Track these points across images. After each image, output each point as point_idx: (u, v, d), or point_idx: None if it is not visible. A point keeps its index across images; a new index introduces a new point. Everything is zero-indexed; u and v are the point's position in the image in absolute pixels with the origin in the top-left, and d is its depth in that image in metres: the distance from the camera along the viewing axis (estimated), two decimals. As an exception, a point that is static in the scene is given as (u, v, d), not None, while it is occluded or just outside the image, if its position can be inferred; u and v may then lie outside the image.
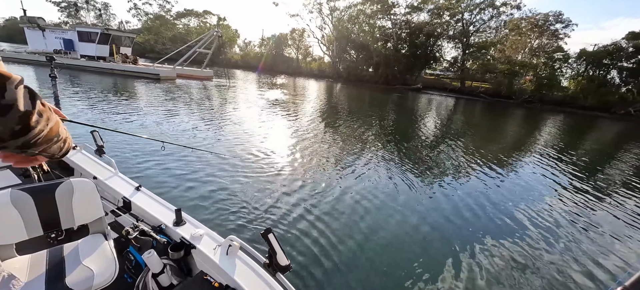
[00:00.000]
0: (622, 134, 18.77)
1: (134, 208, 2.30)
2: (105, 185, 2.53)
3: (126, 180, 2.60)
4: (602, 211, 5.64)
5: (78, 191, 1.82)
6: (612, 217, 5.39)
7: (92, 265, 1.65)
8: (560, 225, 4.78)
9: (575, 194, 6.37)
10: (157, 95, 13.19)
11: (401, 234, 4.03)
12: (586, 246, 4.26)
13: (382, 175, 6.18)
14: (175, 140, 6.99)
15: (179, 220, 2.06)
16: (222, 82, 22.35)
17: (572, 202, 5.90)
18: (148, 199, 2.34)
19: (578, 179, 7.51)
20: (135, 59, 23.20)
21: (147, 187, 2.50)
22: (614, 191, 6.88)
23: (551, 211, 5.30)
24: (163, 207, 2.25)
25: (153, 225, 2.09)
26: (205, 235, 1.95)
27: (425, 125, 14.28)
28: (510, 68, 33.45)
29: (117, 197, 2.43)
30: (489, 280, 3.29)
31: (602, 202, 6.07)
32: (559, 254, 3.97)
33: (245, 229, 3.71)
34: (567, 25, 33.89)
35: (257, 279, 1.64)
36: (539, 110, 28.85)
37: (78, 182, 1.84)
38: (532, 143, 12.14)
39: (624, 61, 30.46)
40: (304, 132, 9.32)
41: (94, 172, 2.68)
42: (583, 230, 4.75)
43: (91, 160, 2.92)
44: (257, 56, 50.80)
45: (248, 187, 4.84)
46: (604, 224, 5.06)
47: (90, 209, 1.87)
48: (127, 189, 2.44)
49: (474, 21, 37.47)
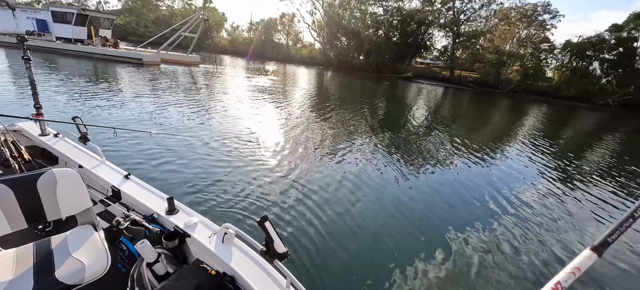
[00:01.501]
0: (599, 125, 19.60)
1: (124, 197, 2.21)
2: (92, 174, 2.40)
3: (114, 168, 2.47)
4: (578, 194, 5.93)
5: (62, 181, 1.71)
6: (587, 199, 5.68)
7: (83, 257, 1.58)
8: (541, 208, 4.99)
9: (554, 181, 6.63)
10: (141, 81, 12.64)
11: (391, 221, 4.08)
12: (564, 224, 4.53)
13: (373, 163, 6.21)
14: (163, 128, 6.77)
15: (171, 209, 1.99)
16: (209, 68, 21.65)
17: (551, 187, 6.15)
18: (138, 188, 2.24)
19: (558, 167, 7.83)
20: (115, 42, 22.04)
21: (136, 175, 2.38)
22: (588, 178, 7.20)
23: (532, 196, 5.55)
24: (154, 196, 2.16)
25: (145, 215, 2.02)
26: (199, 223, 1.89)
27: (415, 115, 14.40)
28: (498, 58, 34.00)
29: (106, 186, 2.32)
30: (478, 261, 3.39)
31: (577, 187, 6.35)
32: (540, 232, 4.16)
33: (238, 216, 3.66)
34: (555, 16, 34.57)
35: (254, 266, 1.61)
36: (524, 100, 29.65)
37: (61, 172, 1.72)
38: (516, 133, 12.49)
39: (606, 53, 31.47)
40: (294, 120, 9.20)
41: (80, 161, 2.53)
42: (563, 211, 4.98)
43: (76, 148, 2.75)
44: (246, 41, 49.38)
45: (239, 175, 4.77)
46: (578, 206, 5.37)
47: (76, 200, 1.77)
48: (116, 178, 2.33)
49: (464, 9, 37.55)
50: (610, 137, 13.81)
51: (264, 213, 3.66)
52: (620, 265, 3.71)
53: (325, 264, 3.05)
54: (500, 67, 34.49)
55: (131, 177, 2.34)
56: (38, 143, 2.91)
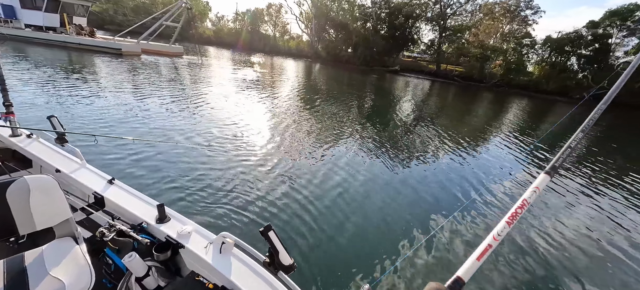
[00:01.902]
0: (574, 118, 20.47)
1: (108, 204, 2.02)
2: (72, 179, 2.18)
3: (96, 172, 2.26)
4: (564, 183, 6.22)
5: (36, 190, 1.52)
6: (560, 187, 5.97)
7: (62, 275, 1.42)
8: (518, 196, 5.17)
9: (531, 171, 6.90)
10: (121, 73, 12.01)
11: (382, 215, 4.10)
12: (539, 211, 4.72)
13: (363, 157, 6.21)
14: (147, 125, 6.40)
15: (162, 217, 1.83)
16: (193, 59, 20.89)
17: (527, 177, 6.39)
18: (124, 194, 2.05)
19: (535, 158, 8.17)
20: (91, 31, 20.77)
21: (121, 180, 2.20)
22: (573, 167, 7.55)
23: (510, 185, 5.82)
24: (143, 203, 1.99)
25: (132, 224, 1.85)
26: (193, 232, 1.75)
27: (402, 108, 14.54)
28: (483, 52, 34.82)
29: (87, 192, 2.11)
30: (464, 249, 3.46)
31: (561, 177, 6.64)
32: (519, 220, 4.32)
33: (235, 223, 3.51)
34: (536, 12, 35.51)
35: (256, 278, 1.50)
36: (507, 94, 30.58)
37: (35, 179, 1.54)
38: (498, 127, 12.88)
39: (583, 49, 32.80)
40: (284, 116, 9.04)
41: (57, 164, 2.30)
42: (539, 200, 5.21)
43: (52, 151, 2.49)
44: (231, 32, 47.97)
45: (232, 177, 4.58)
46: (553, 193, 5.65)
47: (53, 210, 1.59)
48: (98, 183, 2.12)
49: (451, 3, 38.01)
50: (591, 129, 14.45)
51: (261, 219, 3.58)
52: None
53: (319, 259, 3.02)
54: (484, 61, 35.37)
55: (115, 182, 2.15)
56: (8, 145, 2.62)
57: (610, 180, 7.02)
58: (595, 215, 5.12)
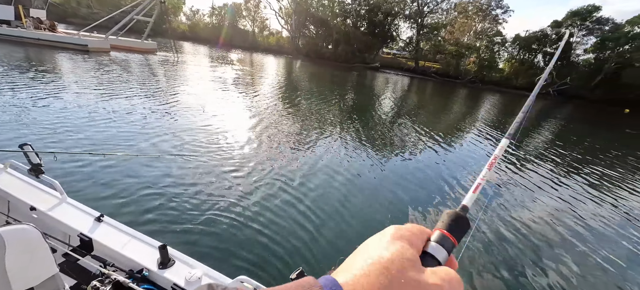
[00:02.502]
0: (541, 111, 21.93)
1: (98, 248, 1.71)
2: (51, 218, 1.84)
3: (80, 207, 1.93)
4: (524, 171, 6.72)
5: (13, 245, 1.20)
6: (529, 176, 6.40)
7: None
8: (490, 186, 5.47)
9: (506, 161, 7.31)
10: (88, 73, 11.13)
11: (363, 216, 4.13)
12: (513, 198, 5.03)
13: (349, 159, 6.22)
14: (124, 134, 5.72)
15: (165, 260, 1.56)
16: (168, 56, 19.90)
17: (505, 167, 6.80)
18: (117, 233, 1.75)
19: (509, 149, 8.65)
20: (52, 25, 19.10)
21: (110, 215, 1.87)
22: (531, 157, 8.05)
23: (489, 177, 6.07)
24: (140, 243, 1.70)
25: (130, 271, 1.57)
26: (204, 276, 1.52)
27: (382, 104, 14.76)
28: (458, 50, 36.22)
29: (71, 233, 1.79)
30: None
31: (523, 166, 7.07)
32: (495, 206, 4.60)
33: (252, 261, 3.01)
34: (506, 11, 37.40)
35: None
36: (480, 89, 32.06)
37: (11, 231, 1.22)
38: (472, 121, 13.48)
39: (548, 47, 35.01)
40: (271, 116, 8.83)
41: (31, 201, 1.92)
42: (511, 185, 5.52)
43: (25, 184, 2.09)
44: (208, 27, 46.25)
45: (236, 196, 4.05)
46: (522, 180, 6.28)
47: (35, 267, 1.28)
48: (85, 221, 1.80)
49: (428, 2, 39.02)
50: (552, 123, 15.57)
51: (283, 251, 3.17)
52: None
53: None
54: (459, 58, 36.84)
55: (105, 219, 1.82)
56: None
57: (570, 170, 7.56)
58: (554, 200, 5.48)
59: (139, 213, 3.46)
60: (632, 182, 7.52)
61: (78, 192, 3.63)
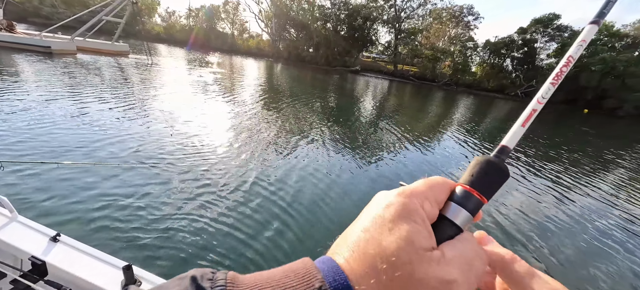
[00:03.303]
0: (511, 111, 23.32)
1: (53, 272, 1.53)
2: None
3: (33, 226, 1.74)
4: None
5: None
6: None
7: None
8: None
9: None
10: (50, 77, 10.38)
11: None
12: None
13: (337, 163, 6.24)
14: (84, 142, 5.30)
15: (130, 282, 1.45)
16: (141, 59, 19.04)
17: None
18: (75, 254, 1.57)
19: (482, 148, 9.08)
20: (10, 25, 17.66)
21: (69, 234, 1.68)
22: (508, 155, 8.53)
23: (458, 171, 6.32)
24: (102, 264, 1.55)
25: None
26: None
27: (364, 107, 15.02)
28: (434, 54, 37.78)
29: (22, 256, 1.61)
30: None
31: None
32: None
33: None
34: (477, 18, 39.47)
35: None
36: (455, 92, 33.53)
37: None
38: (449, 122, 14.06)
39: (515, 52, 37.34)
40: (247, 121, 8.68)
41: None
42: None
43: None
44: (185, 29, 44.88)
45: (206, 207, 3.87)
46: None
47: None
48: (38, 242, 1.62)
49: (405, 8, 40.41)
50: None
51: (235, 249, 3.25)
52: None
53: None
54: (435, 62, 38.43)
55: (62, 239, 1.64)
56: None
57: (533, 168, 8.08)
58: (547, 193, 5.84)
59: (101, 230, 3.19)
60: (587, 177, 8.15)
61: (30, 209, 3.31)
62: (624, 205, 6.42)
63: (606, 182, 7.99)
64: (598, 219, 5.49)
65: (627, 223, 5.54)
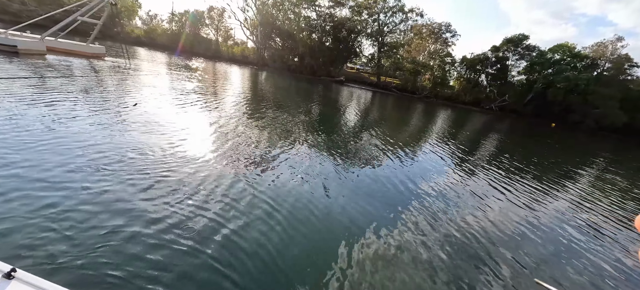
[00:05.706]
0: (486, 123, 24.51)
1: None
2: None
3: None
4: (478, 178, 7.29)
5: None
6: (477, 179, 7.06)
7: None
8: (447, 190, 5.89)
9: (454, 169, 7.97)
10: (14, 78, 9.69)
11: (329, 227, 4.14)
12: (469, 202, 5.51)
13: (323, 174, 6.23)
14: (49, 159, 4.84)
15: None
16: (119, 62, 18.30)
17: (455, 174, 7.38)
18: None
19: (459, 158, 9.46)
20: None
21: (28, 269, 1.47)
22: (483, 165, 8.90)
23: (443, 183, 6.60)
24: None
25: None
26: None
27: (348, 117, 15.22)
28: (415, 67, 39.29)
29: None
30: (406, 241, 3.73)
31: (475, 173, 7.77)
32: (447, 208, 4.90)
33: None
34: (454, 35, 41.55)
35: None
36: (435, 104, 34.86)
37: None
38: (429, 132, 14.54)
39: (489, 68, 39.62)
40: (229, 131, 8.51)
41: None
42: (462, 190, 6.00)
43: None
44: (166, 33, 43.80)
45: (182, 224, 3.70)
46: (473, 185, 6.90)
47: None
48: None
49: (387, 22, 41.95)
50: (493, 135, 17.46)
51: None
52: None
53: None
54: (416, 75, 39.94)
55: (18, 274, 1.43)
56: None
57: (512, 175, 8.50)
58: (499, 201, 6.10)
59: (63, 259, 2.79)
60: (549, 187, 8.66)
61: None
62: (585, 209, 6.90)
63: (568, 190, 8.53)
64: (562, 223, 5.87)
65: (588, 226, 5.94)
